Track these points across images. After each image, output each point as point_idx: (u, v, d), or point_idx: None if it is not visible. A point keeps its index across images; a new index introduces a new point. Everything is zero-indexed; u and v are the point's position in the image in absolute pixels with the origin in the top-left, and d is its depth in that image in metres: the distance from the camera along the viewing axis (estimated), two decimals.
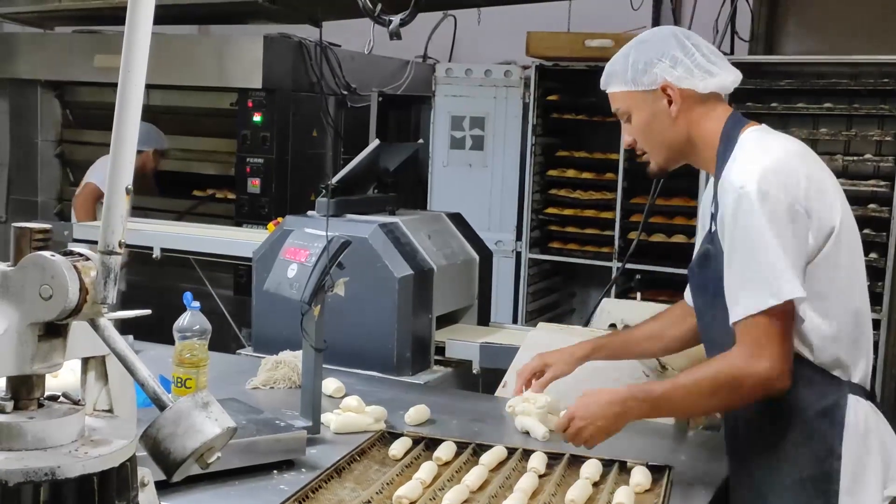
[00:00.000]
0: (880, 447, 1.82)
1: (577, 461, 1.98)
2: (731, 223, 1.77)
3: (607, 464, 1.97)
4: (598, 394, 1.90)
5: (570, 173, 5.12)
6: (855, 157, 4.21)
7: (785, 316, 1.74)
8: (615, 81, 1.96)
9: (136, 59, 1.15)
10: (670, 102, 1.90)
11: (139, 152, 5.12)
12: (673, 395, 1.88)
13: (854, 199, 4.25)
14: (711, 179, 1.98)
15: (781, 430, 1.82)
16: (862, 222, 4.09)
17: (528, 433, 2.24)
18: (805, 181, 1.77)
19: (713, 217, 1.90)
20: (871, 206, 4.10)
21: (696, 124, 1.91)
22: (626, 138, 2.01)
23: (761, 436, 1.88)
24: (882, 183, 4.09)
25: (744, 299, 1.75)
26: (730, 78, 1.92)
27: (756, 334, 1.75)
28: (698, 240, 2.08)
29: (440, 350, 2.98)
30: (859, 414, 1.80)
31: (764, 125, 1.93)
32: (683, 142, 1.93)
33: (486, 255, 3.28)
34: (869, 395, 1.85)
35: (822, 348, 1.80)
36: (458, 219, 3.31)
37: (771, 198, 1.73)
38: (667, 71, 1.88)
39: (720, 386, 1.80)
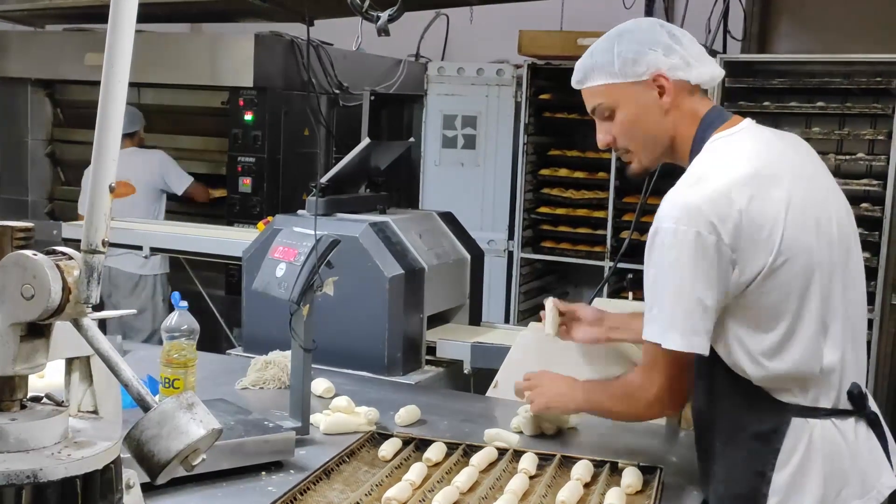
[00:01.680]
0: (824, 470, 1.73)
1: (567, 462, 1.97)
2: (648, 249, 1.74)
3: (598, 464, 1.95)
4: (563, 377, 2.16)
5: (563, 172, 5.11)
6: (847, 156, 4.21)
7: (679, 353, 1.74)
8: (596, 75, 1.83)
9: (119, 58, 1.13)
10: (661, 94, 1.80)
11: (133, 134, 5.16)
12: (597, 393, 2.03)
13: (847, 198, 4.24)
14: None
15: (722, 445, 1.81)
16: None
17: (521, 432, 2.23)
18: (737, 221, 1.66)
19: None
20: (864, 205, 4.10)
21: (683, 121, 1.82)
22: (603, 137, 1.90)
23: (705, 448, 1.87)
24: (874, 182, 4.09)
25: (648, 324, 1.75)
26: (717, 70, 1.85)
27: (652, 357, 1.80)
28: None
29: (431, 350, 2.97)
30: (801, 439, 1.73)
31: (745, 123, 1.82)
32: (667, 139, 1.84)
33: (477, 255, 3.26)
34: (834, 413, 1.76)
35: (758, 371, 1.73)
36: (449, 218, 3.29)
37: (679, 236, 1.67)
38: (660, 60, 1.79)
39: (622, 396, 1.92)
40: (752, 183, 1.70)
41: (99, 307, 1.21)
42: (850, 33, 4.89)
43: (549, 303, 2.37)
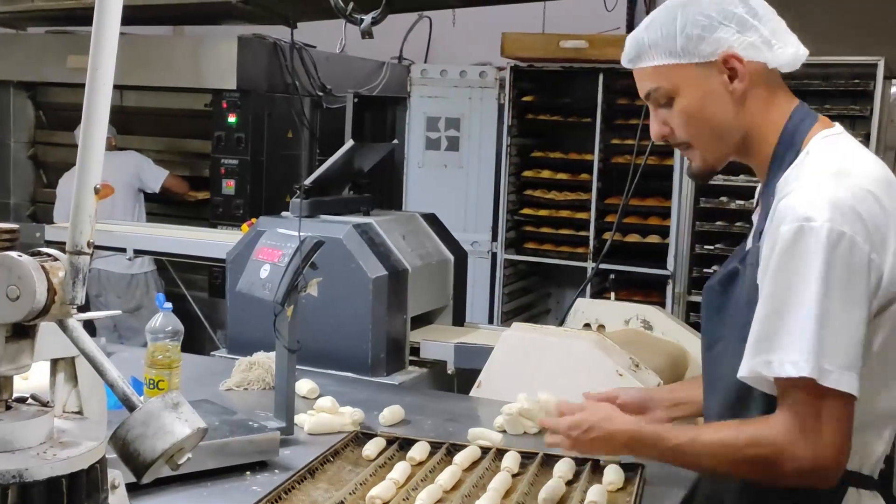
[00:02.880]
0: None
1: (550, 460, 1.99)
2: (784, 261, 1.38)
3: (580, 462, 1.97)
4: (612, 419, 1.67)
5: (546, 174, 5.14)
6: None
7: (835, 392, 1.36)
8: (653, 53, 1.53)
9: (103, 60, 1.14)
10: (732, 78, 1.50)
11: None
12: (688, 451, 1.52)
13: None
14: (759, 185, 1.63)
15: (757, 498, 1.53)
16: None
17: (504, 431, 2.25)
18: (882, 226, 1.38)
19: (758, 235, 1.51)
20: None
21: (758, 110, 1.52)
22: (658, 129, 1.59)
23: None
24: None
25: (779, 350, 1.37)
26: (800, 50, 1.54)
27: (802, 402, 1.37)
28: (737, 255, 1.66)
29: (415, 350, 2.98)
30: None
31: (838, 127, 1.54)
32: (743, 130, 1.53)
33: (460, 256, 3.28)
34: (875, 485, 1.50)
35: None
36: (432, 219, 3.31)
37: (843, 241, 1.35)
38: (733, 36, 1.49)
39: (753, 460, 1.43)
40: (889, 187, 1.45)
41: (86, 308, 1.22)
42: (829, 36, 4.93)
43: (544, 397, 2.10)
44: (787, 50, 1.52)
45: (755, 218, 1.61)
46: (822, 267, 1.34)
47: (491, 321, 5.03)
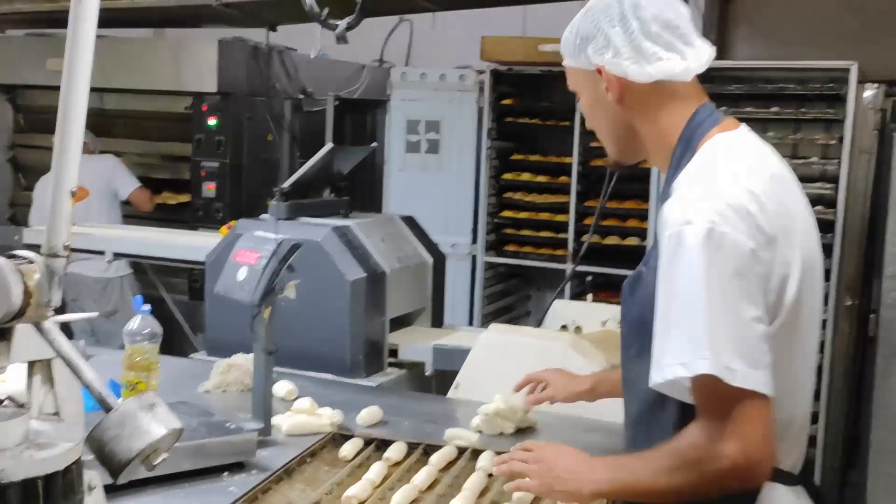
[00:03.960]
0: None
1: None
2: (668, 268, 1.39)
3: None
4: (567, 449, 1.62)
5: (525, 177, 5.17)
6: (802, 161, 4.31)
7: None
8: (564, 53, 1.62)
9: (79, 62, 1.16)
10: (607, 88, 1.54)
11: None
12: (635, 465, 1.47)
13: None
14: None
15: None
16: None
17: (481, 432, 2.27)
18: (763, 224, 1.38)
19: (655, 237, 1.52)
20: (818, 207, 4.19)
21: (647, 117, 1.54)
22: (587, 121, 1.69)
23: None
24: (828, 186, 4.19)
25: (683, 352, 1.35)
26: (679, 66, 1.51)
27: (714, 401, 1.36)
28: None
29: (393, 352, 3.00)
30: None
31: (743, 128, 1.55)
32: (631, 136, 1.58)
33: (439, 258, 3.31)
34: (796, 481, 1.52)
35: None
36: (411, 222, 3.33)
37: (723, 240, 1.35)
38: (598, 53, 1.53)
39: (678, 464, 1.40)
40: (778, 181, 1.47)
41: (61, 311, 1.23)
42: (805, 41, 5.00)
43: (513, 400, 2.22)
44: (656, 66, 1.51)
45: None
46: (705, 268, 1.33)
47: (471, 323, 5.06)
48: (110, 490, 1.31)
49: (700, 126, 1.51)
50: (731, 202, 1.37)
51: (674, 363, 1.36)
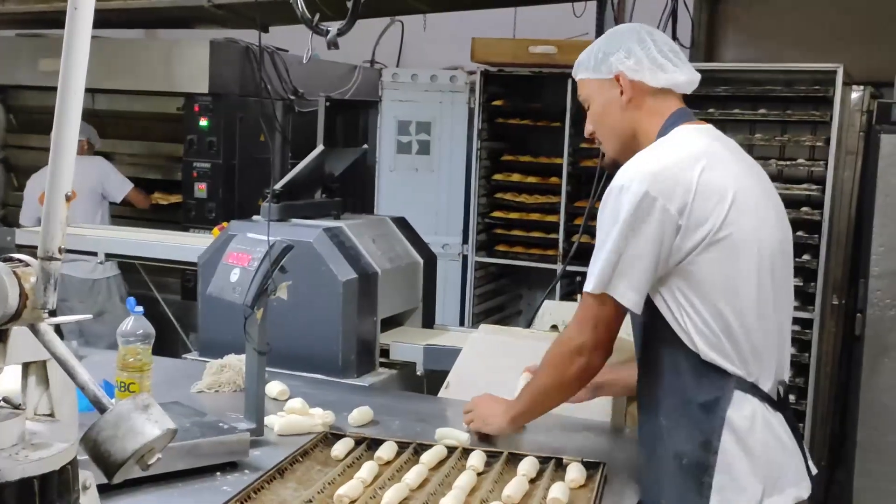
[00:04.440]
0: (764, 451, 1.82)
1: (514, 459, 2.04)
2: (600, 213, 1.86)
3: (544, 461, 2.03)
4: (493, 402, 2.22)
5: (516, 177, 5.19)
6: (789, 162, 4.35)
7: (613, 302, 1.84)
8: (580, 69, 2.03)
9: (75, 64, 1.16)
10: (622, 92, 1.95)
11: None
12: (523, 389, 2.13)
13: (788, 202, 4.33)
14: None
15: (667, 420, 1.87)
16: (795, 225, 4.20)
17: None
18: (687, 187, 1.79)
19: None
20: (804, 209, 4.24)
21: (644, 118, 1.95)
22: (587, 128, 2.06)
23: (651, 422, 1.93)
24: (814, 187, 4.22)
25: (588, 277, 1.86)
26: (683, 77, 1.96)
27: (583, 310, 1.91)
28: None
29: (385, 352, 3.02)
30: (744, 411, 1.81)
31: (706, 126, 1.97)
32: (631, 134, 1.97)
33: (430, 259, 3.33)
34: (769, 400, 1.85)
35: (704, 343, 1.81)
36: (402, 223, 3.35)
37: (629, 194, 1.79)
38: (621, 61, 1.95)
39: (550, 363, 1.99)
40: (703, 158, 1.83)
41: (53, 313, 1.25)
42: (792, 43, 5.04)
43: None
44: (664, 74, 1.95)
45: None
46: (617, 215, 1.81)
47: (462, 323, 5.08)
48: (105, 489, 1.34)
49: (674, 123, 1.94)
50: (654, 169, 1.81)
51: (588, 281, 1.87)
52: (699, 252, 1.80)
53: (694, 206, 1.79)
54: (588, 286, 1.86)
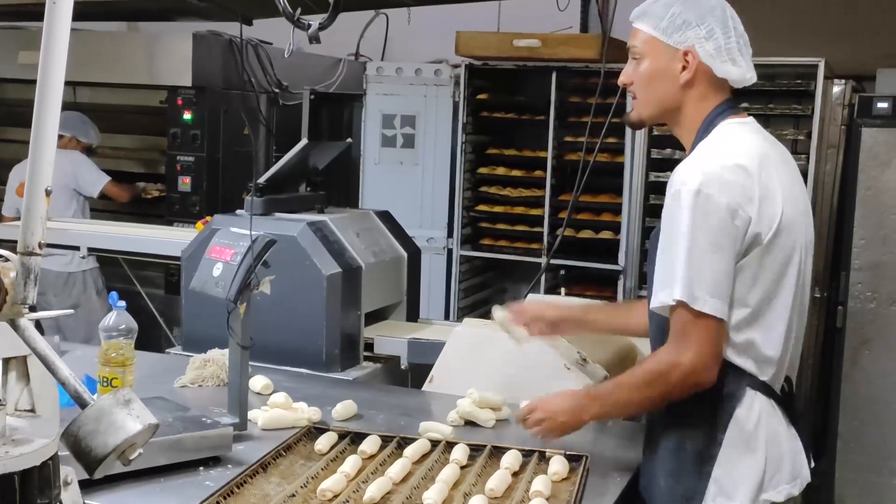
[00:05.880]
0: (766, 448, 1.85)
1: (498, 452, 2.05)
2: (667, 217, 1.80)
3: (527, 454, 2.04)
4: (558, 393, 2.04)
5: (500, 171, 5.19)
6: None
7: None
8: (647, 20, 1.92)
9: (54, 59, 1.16)
10: (684, 68, 1.88)
11: (59, 136, 5.07)
12: (615, 391, 1.97)
13: None
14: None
15: (678, 404, 1.86)
16: None
17: (468, 423, 2.30)
18: (754, 190, 1.78)
19: None
20: None
21: (693, 100, 1.90)
22: (624, 76, 1.99)
23: (656, 416, 1.97)
24: None
25: (668, 286, 1.77)
26: (748, 74, 1.92)
27: (680, 324, 1.79)
28: None
29: (369, 346, 3.03)
30: (753, 409, 1.85)
31: (750, 119, 1.94)
32: (675, 109, 1.93)
33: (414, 253, 3.33)
34: (775, 396, 1.88)
35: (730, 348, 1.83)
36: (386, 216, 3.35)
37: (707, 200, 1.75)
38: (700, 40, 1.87)
39: (650, 379, 1.85)
40: (761, 159, 1.83)
41: (33, 308, 1.25)
42: (774, 36, 5.04)
43: (500, 313, 2.40)
44: (734, 68, 1.89)
45: None
46: (691, 220, 1.76)
47: (447, 317, 5.08)
48: (86, 485, 1.33)
49: (720, 114, 1.90)
50: (718, 171, 1.78)
51: (661, 291, 1.80)
52: (753, 256, 1.79)
53: (760, 209, 1.78)
54: (677, 294, 1.77)
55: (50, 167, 1.18)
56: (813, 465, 2.00)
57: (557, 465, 1.97)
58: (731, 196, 1.76)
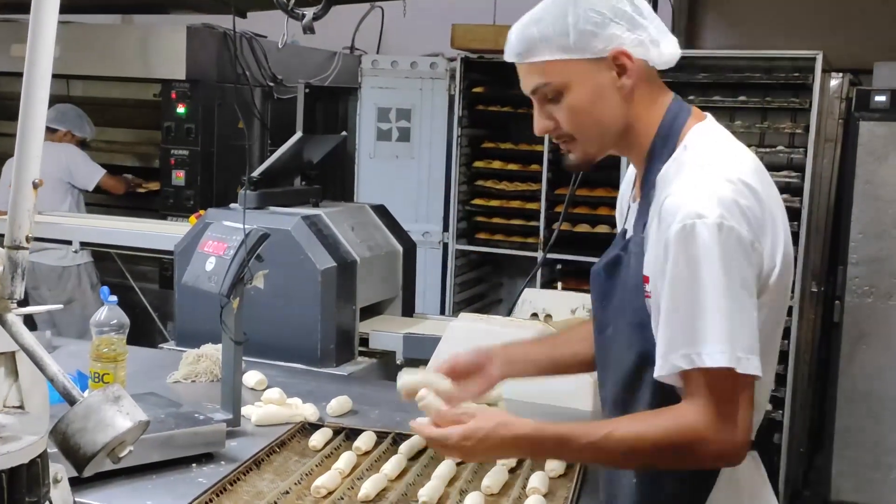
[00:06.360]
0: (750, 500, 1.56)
1: None
2: (680, 261, 1.41)
3: None
4: (509, 425, 1.50)
5: (496, 164, 5.17)
6: (768, 149, 4.35)
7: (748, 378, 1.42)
8: (543, 48, 1.52)
9: (41, 50, 1.14)
10: (620, 74, 1.51)
11: (54, 130, 5.04)
12: (604, 447, 1.47)
13: None
14: (631, 170, 1.67)
15: (641, 484, 1.55)
16: None
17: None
18: (759, 213, 1.44)
19: (641, 226, 1.53)
20: (784, 196, 4.24)
21: (642, 109, 1.54)
22: (543, 123, 1.59)
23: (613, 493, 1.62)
24: (794, 174, 4.23)
25: (696, 343, 1.39)
26: (677, 50, 1.56)
27: (719, 390, 1.40)
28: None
29: (364, 341, 3.01)
30: (732, 479, 1.51)
31: (708, 118, 1.58)
32: (625, 129, 1.55)
33: (409, 247, 3.31)
34: (753, 445, 1.54)
35: None
36: (381, 210, 3.33)
37: (730, 235, 1.39)
38: (624, 34, 1.50)
39: (670, 448, 1.44)
40: (759, 170, 1.50)
41: (24, 302, 1.23)
42: (772, 30, 5.04)
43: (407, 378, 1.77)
44: (667, 49, 1.53)
45: (632, 204, 1.62)
46: (719, 261, 1.39)
47: (443, 311, 5.06)
48: (77, 482, 1.31)
49: (678, 116, 1.54)
50: (734, 197, 1.42)
51: (704, 353, 1.39)
52: (763, 299, 1.45)
53: (769, 237, 1.45)
54: (714, 359, 1.38)
55: (37, 160, 1.16)
56: None
57: (555, 462, 1.95)
58: (749, 226, 1.42)
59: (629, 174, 1.71)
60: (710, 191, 1.42)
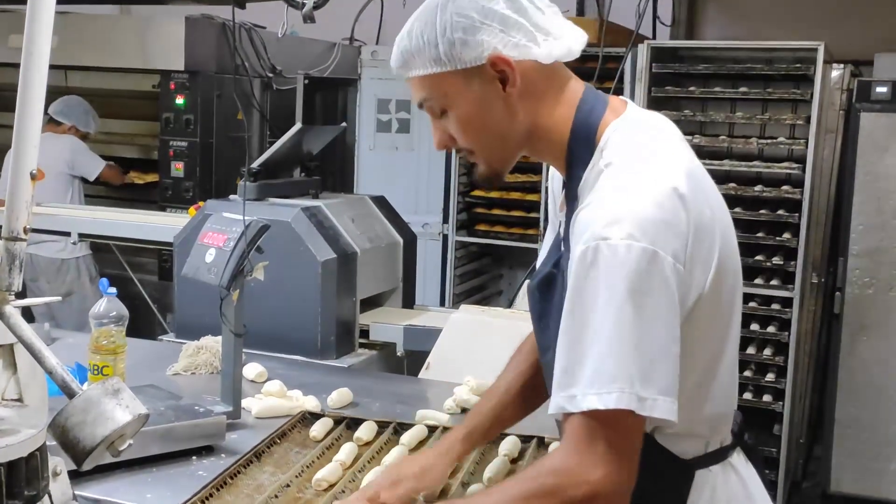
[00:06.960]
0: None
1: (496, 439, 2.01)
2: (581, 283, 1.25)
3: (525, 440, 2.01)
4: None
5: None
6: (769, 140, 4.33)
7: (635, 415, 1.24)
8: (418, 62, 1.38)
9: (38, 41, 1.14)
10: (503, 82, 1.36)
11: (59, 123, 5.05)
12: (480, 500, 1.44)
13: (769, 180, 4.38)
14: (557, 177, 1.52)
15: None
16: (776, 203, 4.24)
17: (465, 411, 2.27)
18: (684, 229, 1.27)
19: (564, 240, 1.42)
20: (785, 187, 4.23)
21: (541, 108, 1.39)
22: (439, 138, 1.44)
23: None
24: (795, 165, 4.22)
25: (580, 381, 1.24)
26: (580, 40, 1.40)
27: (588, 428, 1.25)
28: (543, 249, 1.58)
29: (364, 333, 3.00)
30: (705, 490, 1.39)
31: (628, 108, 1.41)
32: (528, 137, 1.40)
33: (409, 238, 3.30)
34: (727, 454, 1.45)
35: (664, 432, 1.38)
36: (381, 202, 3.32)
37: (643, 256, 1.22)
38: (496, 37, 1.34)
39: (543, 493, 1.28)
40: (683, 180, 1.30)
41: (22, 294, 1.22)
42: (773, 21, 5.02)
43: None
44: (560, 42, 1.37)
45: (561, 216, 1.48)
46: (621, 288, 1.22)
47: (443, 303, 5.06)
48: (76, 475, 1.31)
49: (592, 112, 1.39)
50: (652, 212, 1.25)
51: (567, 390, 1.25)
52: (695, 314, 1.31)
53: (692, 253, 1.28)
54: (590, 400, 1.22)
55: (35, 151, 1.16)
56: None
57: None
58: (668, 244, 1.24)
59: (555, 182, 1.56)
60: (621, 206, 1.25)
